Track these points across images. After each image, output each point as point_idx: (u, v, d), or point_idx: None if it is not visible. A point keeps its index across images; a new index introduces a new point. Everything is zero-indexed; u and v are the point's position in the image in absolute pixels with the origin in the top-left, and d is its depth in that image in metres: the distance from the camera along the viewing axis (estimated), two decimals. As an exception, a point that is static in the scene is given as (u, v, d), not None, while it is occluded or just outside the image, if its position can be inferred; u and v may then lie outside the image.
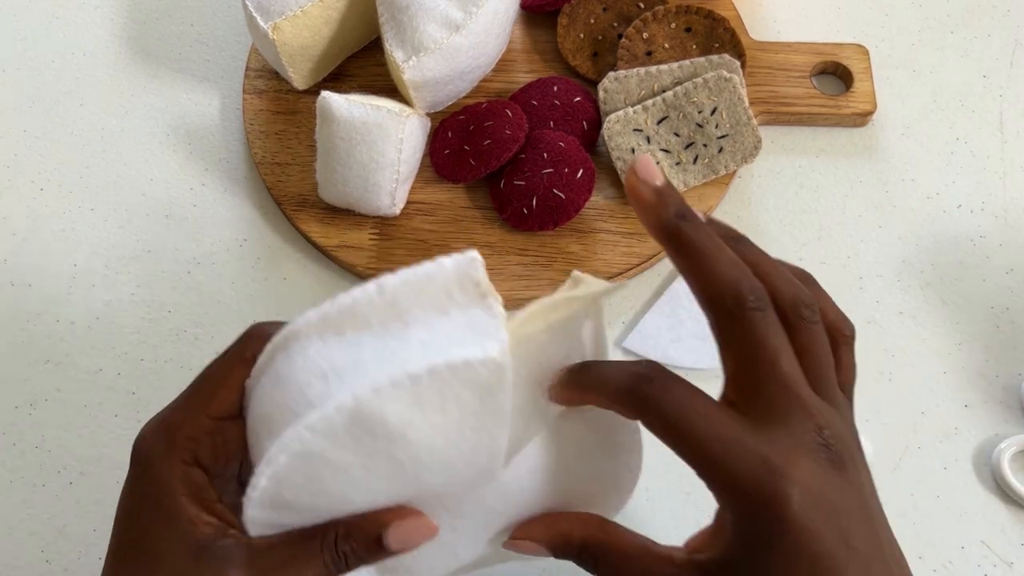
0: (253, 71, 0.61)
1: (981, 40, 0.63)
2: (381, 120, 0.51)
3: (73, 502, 0.49)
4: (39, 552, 0.48)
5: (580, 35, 0.60)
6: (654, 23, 0.59)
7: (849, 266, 0.55)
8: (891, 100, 0.60)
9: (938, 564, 0.47)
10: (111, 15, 0.66)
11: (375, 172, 0.52)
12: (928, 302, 0.54)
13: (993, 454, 0.49)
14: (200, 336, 0.53)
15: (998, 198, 0.57)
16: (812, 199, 0.57)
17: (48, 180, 0.59)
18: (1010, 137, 0.59)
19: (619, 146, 0.55)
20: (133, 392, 0.52)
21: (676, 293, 0.54)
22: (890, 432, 0.50)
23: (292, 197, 0.56)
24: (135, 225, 0.57)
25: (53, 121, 0.61)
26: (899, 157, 0.58)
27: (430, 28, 0.53)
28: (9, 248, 0.57)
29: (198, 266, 0.56)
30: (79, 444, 0.51)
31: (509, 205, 0.54)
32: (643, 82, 0.56)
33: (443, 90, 0.56)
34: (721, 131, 0.55)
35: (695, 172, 0.55)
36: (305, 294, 0.54)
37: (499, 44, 0.57)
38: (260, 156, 0.58)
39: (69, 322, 0.54)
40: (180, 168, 0.59)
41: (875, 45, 0.62)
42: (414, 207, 0.56)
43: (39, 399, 0.52)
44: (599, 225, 0.55)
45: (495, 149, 0.54)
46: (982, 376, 0.51)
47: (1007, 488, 0.48)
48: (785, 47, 0.60)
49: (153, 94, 0.62)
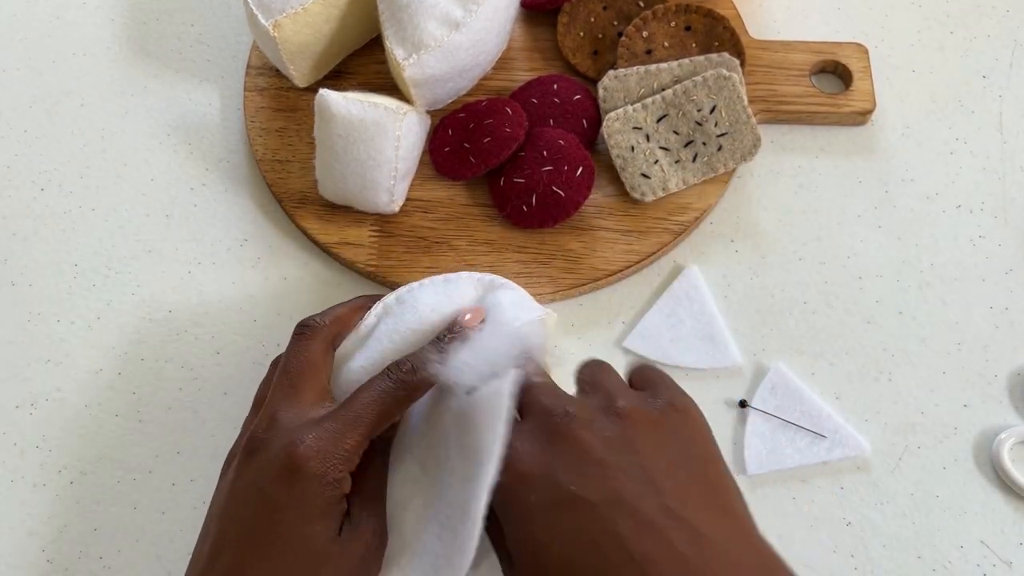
0: (254, 69, 0.61)
1: (981, 40, 0.63)
2: (378, 117, 0.51)
3: (73, 502, 0.49)
4: (39, 552, 0.48)
5: (580, 33, 0.60)
6: (654, 21, 0.59)
7: (849, 266, 0.55)
8: (891, 100, 0.60)
9: (937, 564, 0.47)
10: (111, 15, 0.66)
11: (373, 169, 0.52)
12: (928, 302, 0.54)
13: (992, 445, 0.49)
14: (200, 336, 0.53)
15: (998, 198, 0.57)
16: (812, 199, 0.57)
17: (48, 180, 0.59)
18: (1010, 137, 0.59)
19: (619, 144, 0.55)
20: (133, 392, 0.52)
21: (676, 293, 0.54)
22: (890, 432, 0.50)
23: (293, 194, 0.56)
24: (135, 225, 0.57)
25: (53, 121, 0.61)
26: (899, 157, 0.58)
27: (430, 26, 0.53)
28: (9, 248, 0.57)
29: (198, 266, 0.56)
30: (79, 444, 0.51)
31: (509, 202, 0.54)
32: (643, 80, 0.56)
33: (443, 88, 0.56)
34: (720, 129, 0.55)
35: (694, 170, 0.55)
36: (305, 293, 0.54)
37: (499, 42, 0.57)
38: (261, 153, 0.58)
39: (69, 322, 0.54)
40: (180, 168, 0.59)
41: (875, 45, 0.62)
42: (414, 204, 0.56)
43: (39, 399, 0.52)
44: (598, 223, 0.55)
45: (495, 147, 0.54)
46: (981, 376, 0.51)
47: (1006, 478, 0.48)
48: (784, 46, 0.60)
49: (153, 94, 0.62)
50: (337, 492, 0.39)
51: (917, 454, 0.49)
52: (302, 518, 0.38)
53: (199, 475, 0.50)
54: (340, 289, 0.54)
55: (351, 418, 0.40)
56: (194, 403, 0.51)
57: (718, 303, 0.54)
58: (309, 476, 0.38)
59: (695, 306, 0.53)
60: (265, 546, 0.38)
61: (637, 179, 0.55)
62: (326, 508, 0.38)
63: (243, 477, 0.40)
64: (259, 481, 0.39)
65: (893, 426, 0.50)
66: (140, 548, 0.48)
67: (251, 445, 0.40)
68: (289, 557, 0.37)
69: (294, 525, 0.38)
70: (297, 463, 0.38)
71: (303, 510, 0.38)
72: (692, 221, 0.55)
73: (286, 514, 0.38)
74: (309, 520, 0.38)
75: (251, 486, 0.39)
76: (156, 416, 0.51)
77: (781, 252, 0.55)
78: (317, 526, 0.38)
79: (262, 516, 0.38)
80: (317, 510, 0.38)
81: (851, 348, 0.52)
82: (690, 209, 0.55)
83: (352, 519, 0.39)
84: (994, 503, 0.48)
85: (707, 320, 0.53)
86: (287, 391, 0.42)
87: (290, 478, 0.38)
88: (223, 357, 0.53)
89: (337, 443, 0.39)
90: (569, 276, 0.53)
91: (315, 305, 0.54)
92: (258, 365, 0.52)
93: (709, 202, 0.55)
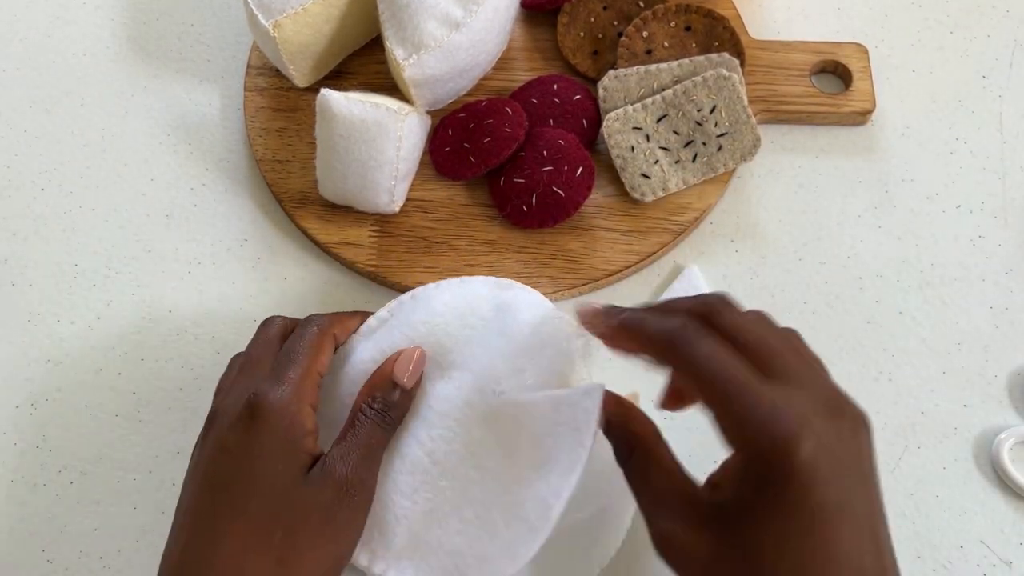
0: (254, 68, 0.61)
1: (981, 40, 0.63)
2: (380, 118, 0.51)
3: (74, 502, 0.49)
4: (39, 552, 0.48)
5: (580, 33, 0.60)
6: (654, 21, 0.59)
7: (849, 266, 0.55)
8: (890, 100, 0.60)
9: (937, 564, 0.47)
10: (111, 15, 0.66)
11: (373, 170, 0.52)
12: (928, 302, 0.54)
13: (992, 444, 0.49)
14: (200, 336, 0.53)
15: (998, 198, 0.57)
16: (812, 199, 0.57)
17: (48, 180, 0.59)
18: (1010, 137, 0.59)
19: (619, 144, 0.55)
20: (133, 392, 0.52)
21: (676, 293, 0.54)
22: (890, 432, 0.50)
23: (293, 194, 0.56)
24: (135, 225, 0.57)
25: (53, 121, 0.61)
26: (898, 157, 0.58)
27: (430, 26, 0.53)
28: (9, 248, 0.57)
29: (198, 266, 0.56)
30: (79, 444, 0.51)
31: (509, 202, 0.54)
32: (643, 80, 0.56)
33: (443, 88, 0.56)
34: (720, 129, 0.55)
35: (694, 170, 0.55)
36: (305, 293, 0.54)
37: (499, 42, 0.57)
38: (261, 153, 0.58)
39: (69, 322, 0.54)
40: (180, 168, 0.59)
41: (875, 45, 0.62)
42: (414, 204, 0.56)
43: (39, 399, 0.52)
44: (598, 223, 0.55)
45: (495, 147, 0.54)
46: (981, 376, 0.51)
47: (1006, 478, 0.48)
48: (784, 46, 0.60)
49: (153, 94, 0.62)
50: (300, 426, 0.40)
51: (917, 454, 0.49)
52: (263, 459, 0.39)
53: (199, 475, 0.50)
54: (340, 289, 0.54)
55: (295, 360, 0.42)
56: (194, 403, 0.51)
57: (718, 303, 0.54)
58: (269, 414, 0.39)
59: (695, 306, 0.53)
60: (233, 496, 0.38)
61: (637, 179, 0.55)
62: (288, 444, 0.39)
63: (205, 441, 0.41)
64: (220, 437, 0.40)
65: (893, 426, 0.50)
66: (140, 548, 0.48)
67: (211, 417, 0.42)
68: (255, 501, 0.38)
69: (255, 468, 0.39)
70: (256, 407, 0.40)
71: (263, 451, 0.39)
72: (692, 221, 0.55)
73: (247, 460, 0.39)
74: (271, 460, 0.39)
75: (212, 444, 0.40)
76: (156, 416, 0.51)
77: (781, 252, 0.55)
78: (279, 465, 0.39)
79: (224, 467, 0.39)
80: (278, 448, 0.39)
81: (851, 348, 0.52)
82: (690, 209, 0.55)
83: (324, 465, 0.40)
84: (994, 503, 0.48)
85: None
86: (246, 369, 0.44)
87: (251, 423, 0.39)
88: (223, 357, 0.52)
89: (289, 379, 0.41)
90: (569, 276, 0.53)
91: (315, 305, 0.54)
92: (258, 365, 0.52)
93: (709, 202, 0.55)
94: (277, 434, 0.39)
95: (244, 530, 0.38)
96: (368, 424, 0.42)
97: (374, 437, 0.42)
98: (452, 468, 0.41)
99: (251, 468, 0.39)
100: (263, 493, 0.38)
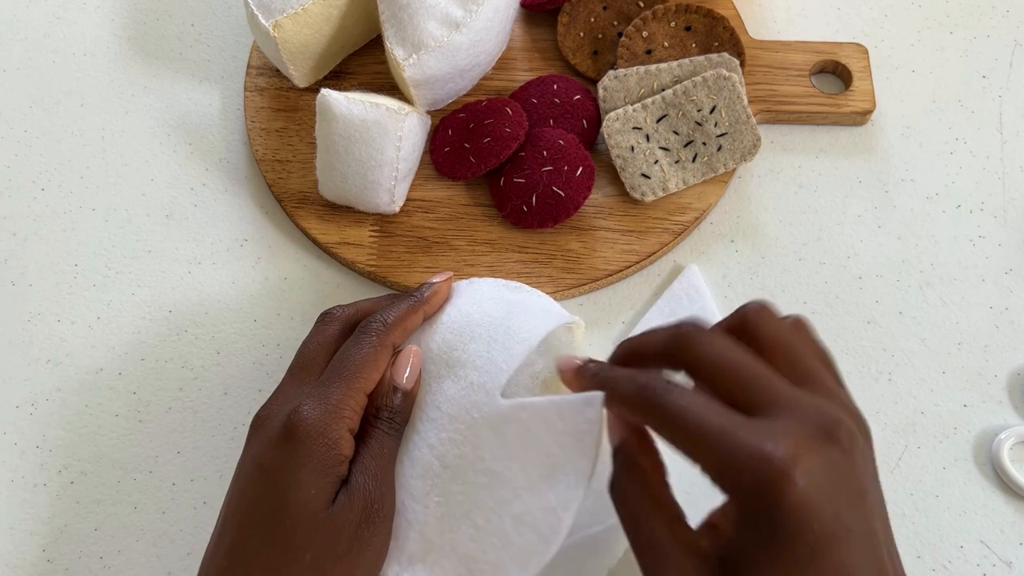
0: (255, 68, 0.61)
1: (981, 40, 0.63)
2: (380, 118, 0.51)
3: (74, 502, 0.49)
4: (40, 552, 0.48)
5: (580, 33, 0.60)
6: (654, 22, 0.59)
7: (849, 266, 0.55)
8: (890, 100, 0.60)
9: (937, 564, 0.47)
10: (111, 15, 0.66)
11: (374, 170, 0.52)
12: (928, 302, 0.54)
13: (992, 445, 0.49)
14: (200, 336, 0.53)
15: (998, 198, 0.57)
16: (812, 199, 0.57)
17: (48, 180, 0.59)
18: (1009, 137, 0.59)
19: (618, 144, 0.55)
20: (133, 392, 0.52)
21: (676, 293, 0.54)
22: (890, 432, 0.50)
23: (293, 194, 0.56)
24: (135, 225, 0.57)
25: (53, 121, 0.61)
26: (898, 157, 0.58)
27: (430, 26, 0.53)
28: (9, 248, 0.57)
29: (198, 266, 0.56)
30: (79, 444, 0.51)
31: (509, 202, 0.54)
32: (643, 80, 0.56)
33: (443, 88, 0.56)
34: (720, 129, 0.55)
35: (694, 170, 0.55)
36: (305, 293, 0.54)
37: (499, 42, 0.57)
38: (261, 153, 0.58)
39: (69, 322, 0.54)
40: (180, 168, 0.59)
41: (875, 45, 0.62)
42: (414, 204, 0.56)
43: (39, 399, 0.52)
44: (598, 223, 0.55)
45: (495, 147, 0.54)
46: (981, 376, 0.51)
47: (1006, 478, 0.48)
48: (784, 46, 0.60)
49: (153, 94, 0.62)
50: (336, 452, 0.39)
51: (917, 454, 0.49)
52: (296, 488, 0.38)
53: (199, 475, 0.50)
54: (340, 289, 0.54)
55: (343, 377, 0.41)
56: (194, 403, 0.51)
57: (718, 303, 0.54)
58: (305, 437, 0.39)
59: (695, 306, 0.53)
60: (263, 516, 0.38)
61: (637, 179, 0.55)
62: (322, 469, 0.39)
63: (246, 454, 0.41)
64: (258, 454, 0.40)
65: (893, 426, 0.50)
66: (140, 548, 0.48)
67: (256, 423, 0.41)
68: (286, 524, 0.38)
69: (288, 495, 0.38)
70: (293, 427, 0.39)
71: (298, 475, 0.38)
72: (692, 221, 0.55)
73: (280, 480, 0.38)
74: (304, 487, 0.38)
75: (251, 460, 0.40)
76: (156, 416, 0.51)
77: (781, 252, 0.55)
78: (312, 490, 0.38)
79: (259, 487, 0.39)
80: (313, 473, 0.38)
81: (851, 348, 0.52)
82: (690, 209, 0.55)
83: (349, 486, 0.39)
84: (994, 503, 0.48)
85: (707, 320, 0.52)
86: (297, 373, 0.43)
87: (287, 444, 0.39)
88: (223, 357, 0.53)
89: (332, 402, 0.40)
90: (569, 276, 0.53)
91: (315, 305, 0.54)
92: (258, 365, 0.52)
93: (709, 202, 0.55)
94: (312, 459, 0.39)
95: (273, 554, 0.38)
96: (379, 435, 0.41)
97: (386, 446, 0.41)
98: (462, 472, 0.41)
99: (284, 494, 0.38)
100: (293, 517, 0.38)
